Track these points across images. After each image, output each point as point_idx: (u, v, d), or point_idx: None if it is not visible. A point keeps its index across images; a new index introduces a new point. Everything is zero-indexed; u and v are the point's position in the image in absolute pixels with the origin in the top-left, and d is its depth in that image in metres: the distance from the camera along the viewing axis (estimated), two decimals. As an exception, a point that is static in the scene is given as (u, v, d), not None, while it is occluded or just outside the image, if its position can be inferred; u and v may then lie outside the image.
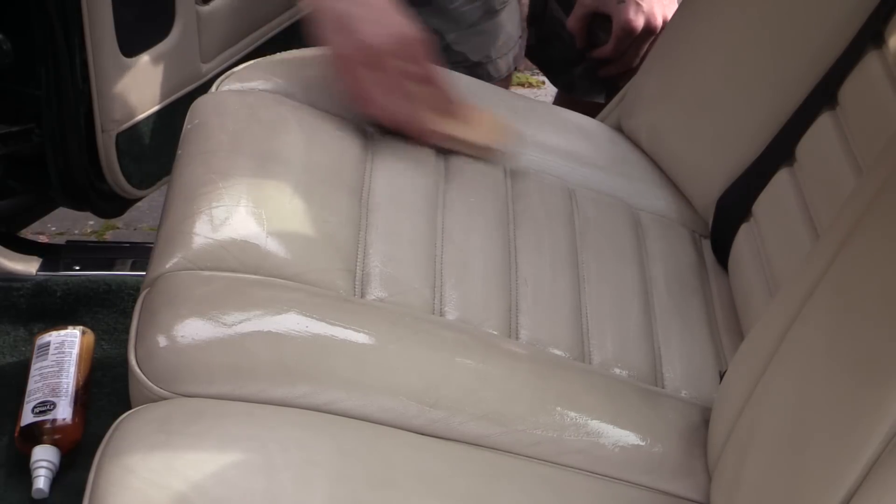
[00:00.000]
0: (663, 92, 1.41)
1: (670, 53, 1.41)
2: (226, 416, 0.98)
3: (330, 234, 1.14)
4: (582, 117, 1.48)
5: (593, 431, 1.05)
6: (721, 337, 1.24)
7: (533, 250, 1.22)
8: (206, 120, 1.24)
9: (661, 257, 1.30)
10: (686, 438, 1.07)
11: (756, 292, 1.20)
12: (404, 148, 1.28)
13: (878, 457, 0.77)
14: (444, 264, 1.17)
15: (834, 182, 1.14)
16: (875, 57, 1.15)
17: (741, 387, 0.98)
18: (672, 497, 1.04)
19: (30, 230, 1.79)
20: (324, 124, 1.27)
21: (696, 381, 1.17)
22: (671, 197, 1.39)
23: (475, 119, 1.28)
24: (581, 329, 1.17)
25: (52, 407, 1.24)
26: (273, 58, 1.39)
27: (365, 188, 1.21)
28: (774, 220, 1.22)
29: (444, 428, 1.02)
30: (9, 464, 1.25)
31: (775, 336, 0.95)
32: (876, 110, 1.12)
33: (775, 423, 0.91)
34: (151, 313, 1.04)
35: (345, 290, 1.11)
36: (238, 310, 1.03)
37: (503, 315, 1.15)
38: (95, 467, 0.92)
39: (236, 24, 1.62)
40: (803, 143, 1.22)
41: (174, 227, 1.12)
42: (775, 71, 1.26)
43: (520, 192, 1.29)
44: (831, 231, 0.95)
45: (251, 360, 1.02)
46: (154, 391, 1.00)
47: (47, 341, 1.33)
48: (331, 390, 1.01)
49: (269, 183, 1.16)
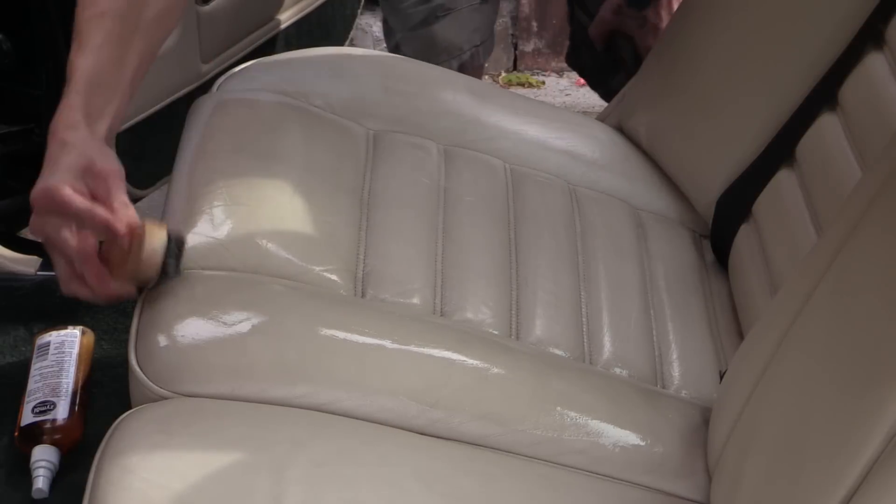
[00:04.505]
0: (663, 92, 1.41)
1: (670, 53, 1.41)
2: (226, 416, 0.98)
3: (330, 234, 1.14)
4: (582, 117, 1.48)
5: (593, 431, 1.05)
6: (721, 337, 1.24)
7: (533, 250, 1.22)
8: (207, 120, 1.24)
9: (662, 257, 1.30)
10: (686, 438, 1.07)
11: (756, 292, 1.20)
12: (404, 148, 1.28)
13: (878, 457, 0.77)
14: (445, 264, 1.17)
15: (834, 182, 1.14)
16: (875, 57, 1.15)
17: (741, 387, 0.98)
18: (672, 497, 1.04)
19: (30, 230, 1.79)
20: (324, 124, 1.27)
21: (697, 381, 1.17)
22: (671, 197, 1.39)
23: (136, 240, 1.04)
24: (581, 329, 1.17)
25: (52, 407, 1.24)
26: (273, 58, 1.39)
27: (365, 188, 1.21)
28: (774, 220, 1.22)
29: (444, 428, 1.02)
30: (9, 464, 1.25)
31: (775, 336, 0.95)
32: (876, 110, 1.11)
33: (775, 423, 0.91)
34: (152, 313, 1.04)
35: (345, 290, 1.11)
36: (238, 309, 1.03)
37: (503, 315, 1.15)
38: (95, 467, 0.92)
39: (236, 24, 1.62)
40: (803, 143, 1.22)
41: (174, 227, 1.11)
42: (775, 71, 1.26)
43: (520, 192, 1.29)
44: (832, 231, 0.95)
45: (251, 359, 1.02)
46: (154, 391, 1.00)
47: (47, 341, 1.32)
48: (331, 390, 1.01)
49: (270, 183, 1.16)
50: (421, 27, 1.54)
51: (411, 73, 1.40)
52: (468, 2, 1.61)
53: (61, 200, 0.98)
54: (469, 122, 1.35)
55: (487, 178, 1.29)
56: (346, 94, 1.31)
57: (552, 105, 1.70)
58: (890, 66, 1.13)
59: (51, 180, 0.99)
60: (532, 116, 1.41)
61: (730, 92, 1.32)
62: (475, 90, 1.41)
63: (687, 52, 1.38)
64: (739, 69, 1.30)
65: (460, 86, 1.40)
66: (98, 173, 1.00)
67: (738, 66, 1.31)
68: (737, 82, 1.31)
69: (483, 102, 1.38)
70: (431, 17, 1.57)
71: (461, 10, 1.60)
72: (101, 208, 0.99)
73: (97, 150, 1.02)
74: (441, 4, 1.58)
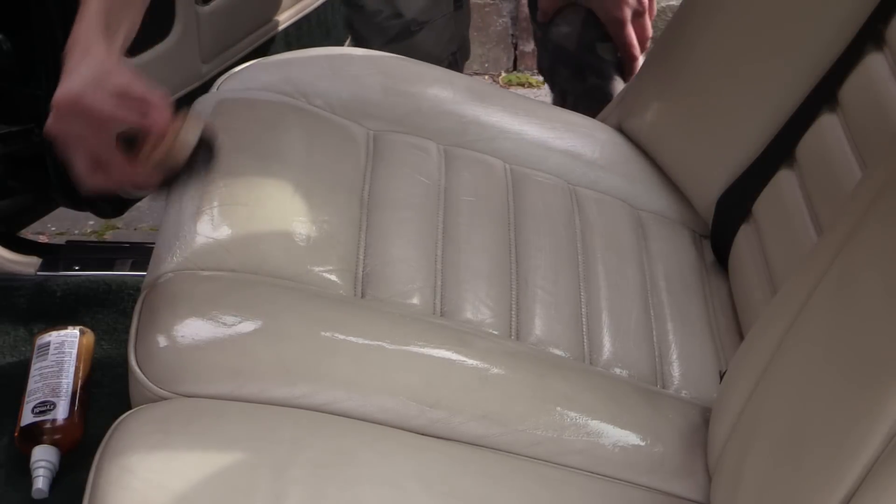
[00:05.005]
0: (663, 92, 1.41)
1: (670, 53, 1.41)
2: (225, 416, 0.98)
3: (330, 234, 1.14)
4: (582, 117, 1.48)
5: (593, 431, 1.05)
6: (721, 337, 1.24)
7: (533, 250, 1.22)
8: (206, 120, 1.24)
9: (662, 257, 1.30)
10: (686, 438, 1.07)
11: (756, 292, 1.20)
12: (404, 148, 1.28)
13: (878, 457, 0.77)
14: (444, 264, 1.17)
15: (834, 182, 1.13)
16: (875, 57, 1.15)
17: (741, 387, 0.98)
18: (672, 497, 1.04)
19: (30, 230, 1.79)
20: (324, 124, 1.27)
21: (697, 381, 1.17)
22: (671, 197, 1.38)
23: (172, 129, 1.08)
24: (581, 329, 1.17)
25: (52, 407, 1.24)
26: (273, 58, 1.39)
27: (365, 188, 1.21)
28: (774, 220, 1.22)
29: (444, 428, 1.02)
30: (9, 464, 1.25)
31: (775, 336, 0.95)
32: (876, 110, 1.11)
33: (775, 423, 0.91)
34: (152, 313, 1.04)
35: (345, 290, 1.11)
36: (238, 310, 1.03)
37: (503, 315, 1.15)
38: (95, 467, 0.92)
39: (236, 24, 1.62)
40: (803, 143, 1.21)
41: (175, 227, 1.12)
42: (775, 71, 1.26)
43: (520, 192, 1.29)
44: (832, 231, 0.95)
45: (251, 360, 1.02)
46: (154, 391, 1.00)
47: (47, 341, 1.33)
48: (331, 390, 1.01)
49: (270, 183, 1.16)
50: (397, 41, 1.54)
51: (411, 73, 1.40)
52: (441, 12, 1.61)
53: (86, 104, 1.01)
54: (469, 122, 1.35)
55: (487, 178, 1.29)
56: (346, 94, 1.31)
57: (552, 105, 1.69)
58: (890, 66, 1.13)
59: (74, 86, 1.02)
60: (532, 116, 1.41)
61: (730, 92, 1.32)
62: (475, 90, 1.40)
63: (687, 52, 1.38)
64: (739, 69, 1.30)
65: (460, 86, 1.39)
66: (121, 87, 1.03)
67: (738, 67, 1.31)
68: (737, 82, 1.31)
69: (483, 102, 1.38)
70: (406, 31, 1.57)
71: (435, 22, 1.60)
72: (129, 110, 1.02)
73: (116, 64, 1.05)
74: (414, 18, 1.58)
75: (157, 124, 1.03)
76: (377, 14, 1.57)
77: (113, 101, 1.02)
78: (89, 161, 1.04)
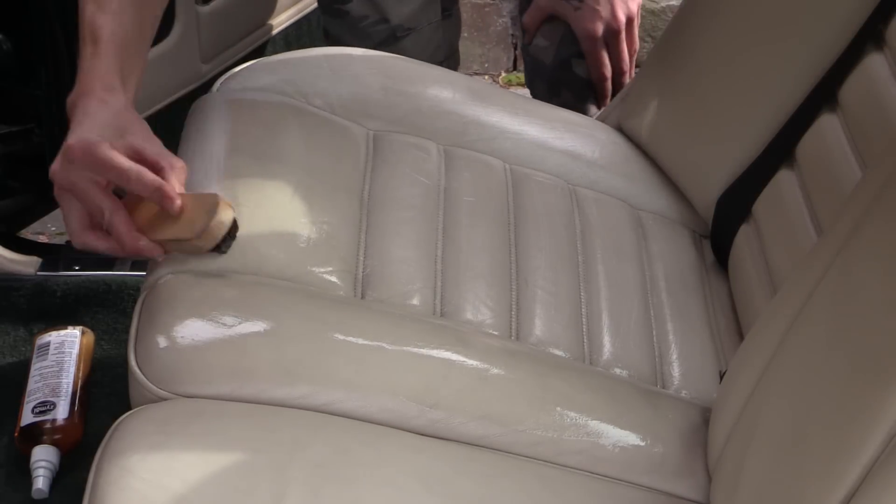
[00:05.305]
0: (663, 92, 1.41)
1: (670, 53, 1.41)
2: (225, 416, 0.98)
3: (329, 234, 1.14)
4: (582, 117, 1.48)
5: (593, 432, 1.05)
6: (721, 337, 1.24)
7: (533, 250, 1.22)
8: (207, 120, 1.24)
9: (662, 257, 1.30)
10: (686, 439, 1.07)
11: (756, 292, 1.20)
12: (404, 148, 1.28)
13: (878, 457, 0.77)
14: (444, 265, 1.17)
15: (834, 182, 1.13)
16: (875, 57, 1.15)
17: (741, 387, 0.98)
18: (673, 497, 1.04)
19: (30, 230, 1.79)
20: (324, 125, 1.27)
21: (697, 381, 1.17)
22: (671, 197, 1.38)
23: (189, 206, 1.03)
24: (581, 329, 1.17)
25: (52, 407, 1.24)
26: (273, 58, 1.39)
27: (365, 189, 1.21)
28: (774, 220, 1.22)
29: (444, 428, 1.02)
30: (9, 464, 1.25)
31: (775, 336, 0.95)
32: (876, 110, 1.11)
33: (775, 422, 0.91)
34: (151, 314, 1.04)
35: (345, 290, 1.11)
36: (238, 311, 1.03)
37: (503, 315, 1.15)
38: (95, 467, 0.92)
39: (236, 24, 1.62)
40: (803, 143, 1.21)
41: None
42: (775, 71, 1.26)
43: (520, 192, 1.29)
44: (832, 231, 0.95)
45: (251, 360, 1.02)
46: (154, 392, 1.00)
47: (47, 341, 1.33)
48: (331, 391, 1.01)
49: (269, 183, 1.16)
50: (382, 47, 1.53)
51: (411, 73, 1.40)
52: (428, 20, 1.60)
53: (104, 156, 0.96)
54: (469, 122, 1.35)
55: (487, 178, 1.29)
56: (346, 94, 1.31)
57: (552, 105, 1.69)
58: (890, 66, 1.13)
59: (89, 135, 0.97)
60: (532, 116, 1.41)
61: (730, 92, 1.32)
62: (475, 90, 1.40)
63: (687, 52, 1.38)
64: (739, 69, 1.30)
65: (460, 86, 1.39)
66: (136, 146, 0.98)
67: (738, 66, 1.31)
68: (737, 82, 1.31)
69: (483, 102, 1.38)
70: (392, 37, 1.56)
71: (422, 29, 1.60)
72: (148, 171, 0.97)
73: (134, 118, 1.00)
74: (401, 24, 1.57)
75: (168, 196, 0.97)
76: (363, 19, 1.56)
77: (128, 158, 0.96)
78: (87, 216, 1.00)
